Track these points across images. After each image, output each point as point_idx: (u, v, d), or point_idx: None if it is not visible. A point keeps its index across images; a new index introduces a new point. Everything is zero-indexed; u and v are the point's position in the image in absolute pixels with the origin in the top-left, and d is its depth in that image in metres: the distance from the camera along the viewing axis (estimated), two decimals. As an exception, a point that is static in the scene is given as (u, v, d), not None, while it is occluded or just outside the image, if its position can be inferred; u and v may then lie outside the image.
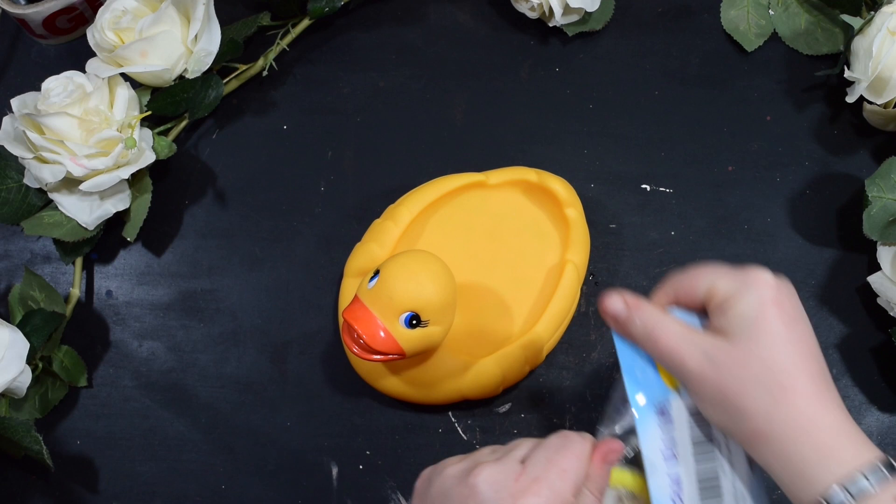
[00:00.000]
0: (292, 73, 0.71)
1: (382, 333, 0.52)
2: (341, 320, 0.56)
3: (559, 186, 0.62)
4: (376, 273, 0.54)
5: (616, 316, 0.44)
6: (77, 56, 0.68)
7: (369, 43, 0.71)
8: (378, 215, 0.63)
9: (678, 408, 0.45)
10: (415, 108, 0.69)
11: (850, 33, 0.63)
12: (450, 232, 0.62)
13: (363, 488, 0.60)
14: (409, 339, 0.52)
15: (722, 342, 0.42)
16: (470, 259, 0.61)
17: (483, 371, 0.58)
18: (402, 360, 0.54)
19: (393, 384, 0.58)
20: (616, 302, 0.44)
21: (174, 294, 0.65)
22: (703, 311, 0.44)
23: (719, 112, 0.68)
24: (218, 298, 0.65)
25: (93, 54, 0.65)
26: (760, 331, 0.41)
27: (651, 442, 0.44)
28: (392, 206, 0.62)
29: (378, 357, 0.53)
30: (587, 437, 0.44)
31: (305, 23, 0.70)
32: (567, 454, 0.42)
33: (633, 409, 0.44)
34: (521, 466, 0.42)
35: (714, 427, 0.44)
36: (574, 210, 0.62)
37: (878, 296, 0.61)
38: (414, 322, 0.52)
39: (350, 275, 0.61)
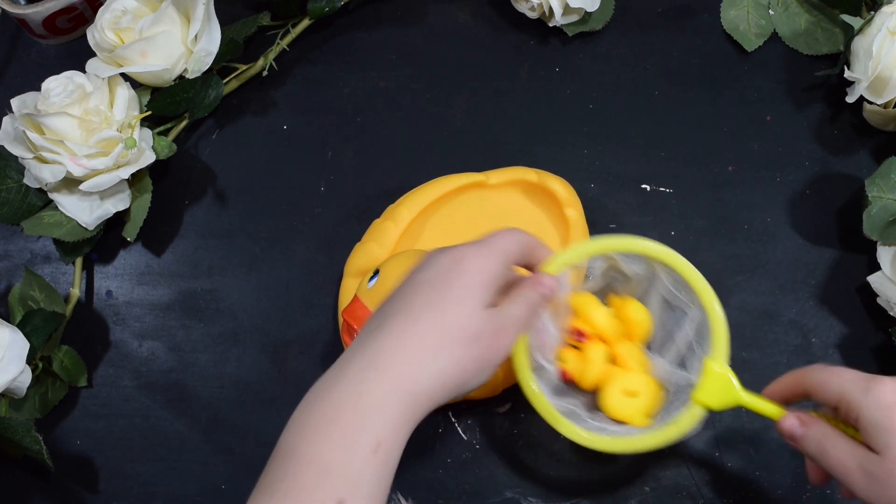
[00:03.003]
0: (292, 73, 0.71)
1: None
2: (341, 320, 0.56)
3: (559, 186, 0.62)
4: (376, 273, 0.54)
5: (792, 435, 0.48)
6: (77, 56, 0.68)
7: (369, 43, 0.71)
8: (378, 215, 0.63)
9: None
10: (415, 109, 0.69)
11: (850, 33, 0.63)
12: (450, 232, 0.62)
13: (363, 488, 0.60)
14: None
15: (872, 456, 0.44)
16: None
17: None
18: None
19: None
20: (792, 422, 0.48)
21: (174, 294, 0.65)
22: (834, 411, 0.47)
23: (719, 112, 0.68)
24: (218, 298, 0.65)
25: (93, 54, 0.65)
26: (894, 438, 0.43)
27: None
28: (392, 205, 0.62)
29: None
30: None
31: (305, 23, 0.70)
32: (507, 234, 0.47)
33: None
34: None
35: None
36: (574, 210, 0.62)
37: (878, 296, 0.61)
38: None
39: (350, 275, 0.61)
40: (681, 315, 0.53)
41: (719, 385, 0.50)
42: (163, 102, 0.66)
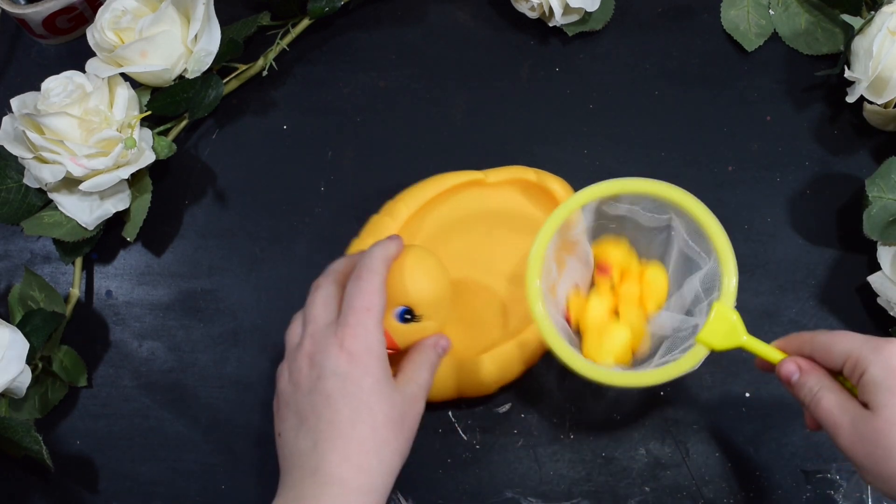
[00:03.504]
0: (292, 73, 0.71)
1: None
2: None
3: (558, 186, 0.62)
4: None
5: (789, 380, 0.49)
6: (77, 56, 0.68)
7: (369, 43, 0.71)
8: (378, 215, 0.63)
9: None
10: (415, 109, 0.69)
11: (850, 33, 0.63)
12: (447, 229, 0.62)
13: (363, 488, 0.60)
14: (403, 333, 0.52)
15: (865, 413, 0.45)
16: (467, 257, 0.61)
17: (479, 368, 0.58)
18: (395, 355, 0.55)
19: None
20: (790, 367, 0.49)
21: (174, 294, 0.65)
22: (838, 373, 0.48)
23: (719, 112, 0.68)
24: (218, 298, 0.65)
25: (93, 54, 0.65)
26: (892, 398, 0.44)
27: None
28: (390, 201, 0.63)
29: None
30: (375, 265, 0.49)
31: (305, 23, 0.70)
32: (363, 293, 0.48)
33: None
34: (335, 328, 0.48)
35: None
36: None
37: (878, 296, 0.61)
38: (407, 316, 0.52)
39: None
40: (694, 268, 0.54)
41: (724, 326, 0.50)
42: (163, 102, 0.66)
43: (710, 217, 0.52)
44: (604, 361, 0.54)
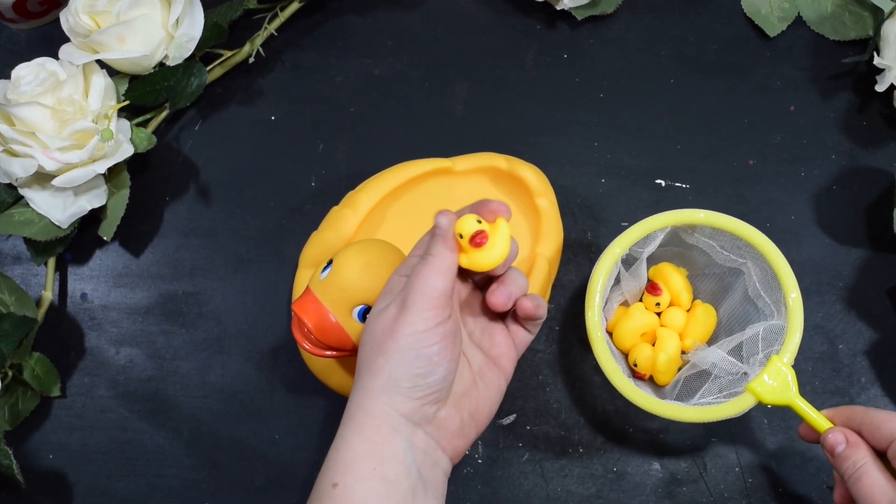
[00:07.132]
0: (281, 59, 0.70)
1: (333, 327, 0.52)
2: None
3: (530, 174, 0.62)
4: (329, 263, 0.53)
5: (834, 450, 0.50)
6: (50, 41, 0.68)
7: (364, 27, 0.71)
8: (372, 212, 0.63)
9: None
10: (412, 98, 0.69)
11: (879, 17, 0.63)
12: (413, 221, 0.62)
13: (357, 506, 0.60)
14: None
15: None
16: None
17: None
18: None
19: (348, 382, 0.58)
20: (837, 437, 0.50)
21: (154, 297, 0.65)
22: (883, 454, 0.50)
23: (739, 102, 0.68)
24: (201, 302, 0.65)
25: (67, 39, 0.65)
26: None
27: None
28: (351, 192, 0.63)
29: (330, 353, 0.53)
30: (444, 251, 0.47)
31: (295, 6, 0.70)
32: (424, 276, 0.46)
33: None
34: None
35: None
36: (546, 200, 0.62)
37: (910, 299, 0.60)
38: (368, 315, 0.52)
39: (304, 265, 0.61)
40: (757, 317, 0.57)
41: (777, 381, 0.53)
42: (142, 91, 0.66)
43: (789, 271, 0.54)
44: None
